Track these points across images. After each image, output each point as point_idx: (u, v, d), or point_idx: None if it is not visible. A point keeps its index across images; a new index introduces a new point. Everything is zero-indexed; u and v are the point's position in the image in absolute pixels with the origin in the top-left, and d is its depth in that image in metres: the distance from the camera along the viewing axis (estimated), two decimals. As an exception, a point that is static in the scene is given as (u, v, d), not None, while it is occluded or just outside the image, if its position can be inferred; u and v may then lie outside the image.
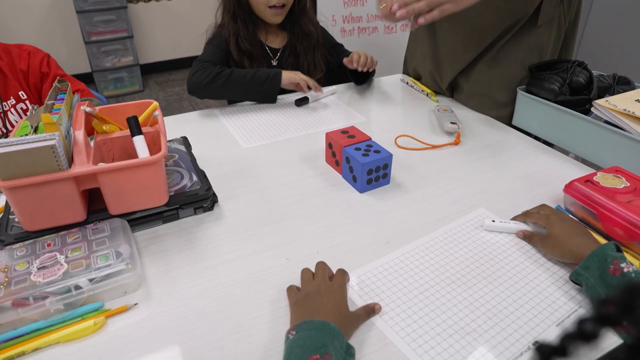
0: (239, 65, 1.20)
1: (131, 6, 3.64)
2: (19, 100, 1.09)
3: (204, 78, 1.11)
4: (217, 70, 1.11)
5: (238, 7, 1.17)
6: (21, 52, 1.08)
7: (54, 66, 1.12)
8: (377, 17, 2.22)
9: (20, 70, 1.08)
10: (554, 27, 1.07)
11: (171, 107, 3.30)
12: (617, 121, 0.90)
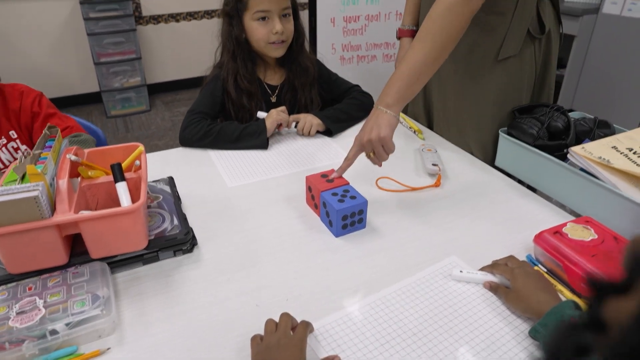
0: (237, 103, 1.24)
1: (140, 28, 3.74)
2: (9, 139, 1.12)
3: (195, 134, 1.16)
4: (207, 127, 1.16)
5: (237, 47, 1.22)
6: (14, 92, 1.13)
7: (45, 105, 1.15)
8: (375, 45, 2.27)
9: (12, 110, 1.12)
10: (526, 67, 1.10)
11: (176, 127, 3.36)
12: (592, 170, 0.91)
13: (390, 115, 0.88)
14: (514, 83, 1.11)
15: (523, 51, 1.07)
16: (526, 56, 1.09)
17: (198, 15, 3.94)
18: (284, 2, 1.19)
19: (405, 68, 0.88)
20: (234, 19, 1.20)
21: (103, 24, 3.34)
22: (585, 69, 3.35)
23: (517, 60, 1.08)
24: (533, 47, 1.08)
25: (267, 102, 1.28)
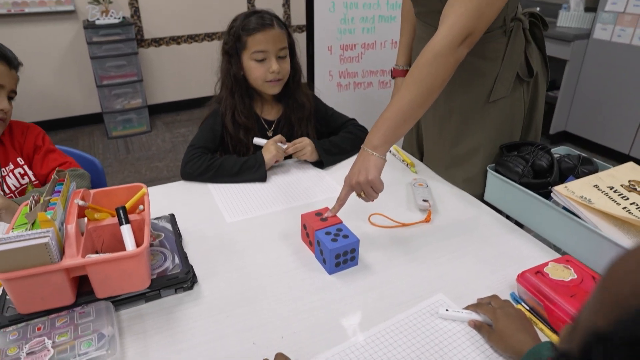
0: (235, 138, 1.30)
1: (142, 50, 3.82)
2: (17, 165, 1.20)
3: (196, 169, 1.20)
4: (208, 162, 1.21)
5: (236, 84, 1.27)
6: (21, 126, 1.23)
7: (47, 142, 1.26)
8: (371, 72, 2.33)
9: (18, 140, 1.21)
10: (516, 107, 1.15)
11: (176, 149, 3.42)
12: (574, 209, 0.96)
13: (376, 158, 0.93)
14: (504, 122, 1.16)
15: (513, 93, 1.13)
16: (516, 97, 1.14)
17: (199, 37, 4.03)
18: (280, 43, 1.25)
19: (392, 111, 0.93)
20: (233, 58, 1.26)
21: (106, 48, 3.41)
22: (577, 91, 3.42)
23: (508, 101, 1.13)
24: (522, 89, 1.14)
25: (264, 137, 1.33)
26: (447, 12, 0.91)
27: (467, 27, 0.88)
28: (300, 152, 1.28)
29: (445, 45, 0.89)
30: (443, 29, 0.90)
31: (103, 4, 3.44)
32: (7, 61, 1.12)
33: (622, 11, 3.02)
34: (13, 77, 1.14)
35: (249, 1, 4.07)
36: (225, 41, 1.28)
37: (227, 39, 1.27)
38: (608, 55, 3.16)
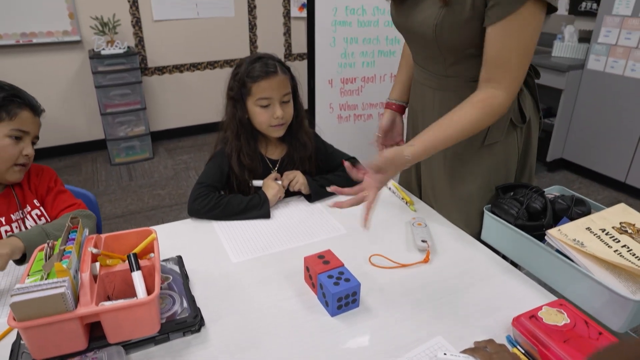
0: (240, 178, 1.34)
1: (145, 78, 3.90)
2: (33, 207, 1.24)
3: (204, 206, 1.24)
4: (215, 200, 1.25)
5: (241, 127, 1.32)
6: (36, 169, 1.28)
7: (59, 183, 1.30)
8: (371, 105, 2.39)
9: (34, 184, 1.26)
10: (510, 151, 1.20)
11: (178, 176, 3.47)
12: (567, 252, 1.00)
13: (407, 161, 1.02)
14: (498, 165, 1.21)
15: (507, 138, 1.18)
16: (510, 142, 1.19)
17: (201, 66, 4.11)
18: (284, 88, 1.30)
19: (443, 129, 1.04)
20: (238, 103, 1.31)
21: (111, 77, 3.49)
22: (573, 119, 3.49)
23: (502, 145, 1.18)
24: (515, 133, 1.19)
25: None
26: (498, 75, 1.02)
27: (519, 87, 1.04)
28: (292, 184, 1.33)
29: (505, 105, 1.04)
30: (502, 94, 1.02)
31: (109, 35, 3.53)
32: (33, 109, 1.17)
33: (614, 43, 3.11)
34: (37, 124, 1.19)
35: (251, 30, 4.17)
36: (230, 87, 1.33)
37: (233, 84, 1.32)
38: (602, 85, 3.24)
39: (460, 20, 1.03)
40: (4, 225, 1.19)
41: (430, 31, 1.08)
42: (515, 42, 0.99)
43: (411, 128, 1.38)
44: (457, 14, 1.03)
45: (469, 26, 1.03)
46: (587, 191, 3.34)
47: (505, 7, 0.96)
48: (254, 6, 4.11)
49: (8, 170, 1.16)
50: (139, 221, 2.85)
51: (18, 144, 1.15)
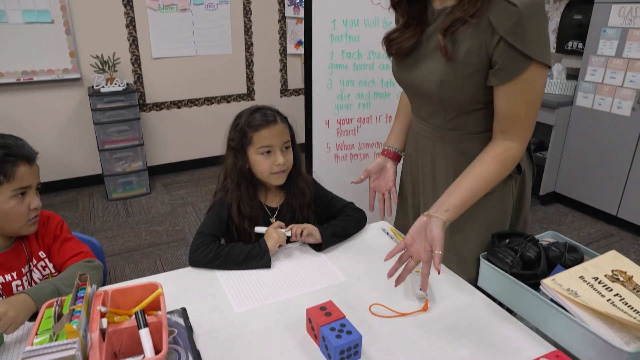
0: (239, 226, 1.37)
1: (143, 114, 3.95)
2: (39, 259, 1.25)
3: (204, 257, 1.27)
4: (215, 251, 1.27)
5: (242, 177, 1.36)
6: (42, 218, 1.27)
7: (65, 230, 1.30)
8: (367, 145, 2.45)
9: (40, 233, 1.26)
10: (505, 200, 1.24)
11: (175, 212, 3.48)
12: (561, 302, 1.03)
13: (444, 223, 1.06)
14: (494, 214, 1.24)
15: (503, 188, 1.22)
16: (505, 192, 1.23)
17: (198, 101, 4.18)
18: (284, 136, 1.35)
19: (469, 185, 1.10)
20: (240, 153, 1.35)
21: (109, 114, 3.54)
22: (564, 154, 3.56)
23: (498, 195, 1.22)
24: (511, 184, 1.23)
25: (267, 224, 1.40)
26: (511, 128, 1.09)
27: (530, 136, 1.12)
28: (303, 233, 1.35)
29: (520, 155, 1.12)
30: (516, 146, 1.10)
31: (108, 72, 3.60)
32: (27, 160, 1.16)
33: (601, 82, 3.21)
34: (36, 173, 1.19)
35: (248, 67, 4.26)
36: (231, 137, 1.37)
37: (233, 135, 1.36)
38: (590, 121, 3.33)
39: (464, 77, 1.08)
40: (15, 280, 1.19)
41: (433, 87, 1.12)
42: (522, 99, 1.05)
43: (409, 178, 1.42)
44: (461, 70, 1.08)
45: (472, 83, 1.09)
46: (580, 225, 3.39)
47: (509, 71, 1.02)
48: (251, 43, 4.21)
49: (22, 227, 1.17)
50: (136, 259, 2.85)
51: (23, 200, 1.15)
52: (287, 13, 4.27)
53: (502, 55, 1.01)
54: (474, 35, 1.04)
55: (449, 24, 1.06)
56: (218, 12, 4.00)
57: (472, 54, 1.05)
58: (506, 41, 0.99)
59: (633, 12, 2.96)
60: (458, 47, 1.07)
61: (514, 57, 1.00)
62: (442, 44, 1.06)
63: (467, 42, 1.05)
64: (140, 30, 3.78)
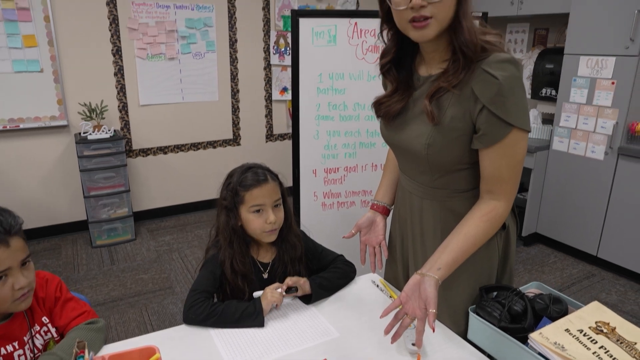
0: (233, 283, 1.38)
1: (129, 160, 3.96)
2: (42, 325, 1.22)
3: (199, 315, 1.28)
4: (209, 309, 1.28)
5: (234, 235, 1.39)
6: (40, 280, 1.24)
7: (64, 291, 1.28)
8: (354, 193, 2.50)
9: (41, 297, 1.23)
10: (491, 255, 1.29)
11: (161, 259, 3.45)
12: (549, 356, 1.06)
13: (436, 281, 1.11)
14: (482, 268, 1.29)
15: (488, 243, 1.26)
16: (491, 247, 1.28)
17: (185, 147, 4.22)
18: (275, 195, 1.39)
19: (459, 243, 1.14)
20: (232, 212, 1.38)
21: (96, 161, 3.55)
22: (544, 196, 3.66)
23: (484, 250, 1.27)
24: (496, 239, 1.28)
25: (260, 279, 1.42)
26: (497, 189, 1.15)
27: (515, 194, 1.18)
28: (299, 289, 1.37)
29: (506, 214, 1.18)
30: (502, 205, 1.16)
31: (96, 120, 3.63)
32: (6, 242, 1.06)
33: (574, 127, 3.36)
34: (17, 249, 1.09)
35: (234, 113, 4.34)
36: (223, 197, 1.40)
37: (226, 194, 1.40)
38: (567, 165, 3.45)
39: (450, 140, 1.15)
40: (17, 349, 1.15)
41: (421, 149, 1.18)
42: (506, 161, 1.12)
43: (398, 232, 1.46)
44: (447, 134, 1.14)
45: (458, 146, 1.15)
46: (562, 265, 3.46)
47: (492, 137, 1.10)
48: (237, 90, 4.31)
49: (9, 307, 1.10)
50: (121, 309, 2.80)
51: (5, 282, 1.07)
52: (273, 61, 4.40)
53: (485, 122, 1.09)
54: (458, 102, 1.12)
55: (434, 91, 1.14)
56: (205, 61, 4.10)
57: (457, 119, 1.12)
58: (488, 109, 1.07)
59: (599, 63, 3.14)
60: (444, 112, 1.14)
61: (496, 124, 1.08)
62: (429, 110, 1.13)
63: (452, 108, 1.13)
64: (129, 78, 3.85)
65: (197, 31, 4.01)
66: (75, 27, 3.58)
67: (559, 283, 3.20)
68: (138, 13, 3.77)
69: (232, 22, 4.15)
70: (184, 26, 3.95)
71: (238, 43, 4.21)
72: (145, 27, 3.81)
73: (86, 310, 1.26)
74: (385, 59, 1.26)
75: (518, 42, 4.15)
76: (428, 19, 1.08)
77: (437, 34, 1.11)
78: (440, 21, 1.09)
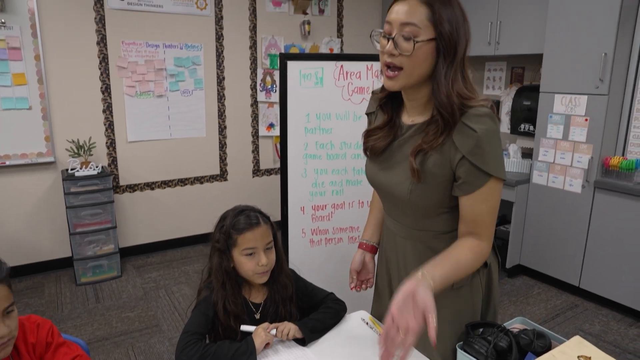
0: (225, 324, 1.40)
1: (116, 196, 3.96)
2: None
3: (191, 356, 1.29)
4: (202, 350, 1.30)
5: (227, 276, 1.42)
6: (31, 325, 1.23)
7: (56, 335, 1.27)
8: (341, 229, 2.54)
9: (31, 342, 1.22)
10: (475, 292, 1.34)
11: (147, 296, 3.42)
12: (534, 392, 1.10)
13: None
14: (466, 305, 1.33)
15: (472, 281, 1.32)
16: (474, 284, 1.33)
17: (172, 183, 4.24)
18: (267, 237, 1.43)
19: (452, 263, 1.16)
20: (225, 254, 1.42)
21: (83, 197, 3.54)
22: (526, 228, 3.75)
23: (468, 288, 1.32)
24: (479, 277, 1.33)
25: (252, 320, 1.44)
26: (478, 230, 1.20)
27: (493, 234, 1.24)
28: (284, 332, 1.39)
29: (488, 252, 1.23)
30: (485, 244, 1.21)
31: (83, 156, 3.64)
32: None
33: (552, 162, 3.49)
34: (1, 296, 1.07)
35: (221, 149, 4.40)
36: (216, 239, 1.44)
37: (219, 237, 1.43)
38: (546, 197, 3.56)
39: (432, 186, 1.21)
40: None
41: (404, 193, 1.25)
42: (485, 206, 1.19)
43: (385, 270, 1.50)
44: (429, 181, 1.21)
45: (439, 192, 1.22)
46: (546, 296, 3.52)
47: (472, 185, 1.17)
48: (225, 127, 4.38)
49: None
50: (107, 349, 2.76)
51: None
52: (259, 98, 4.50)
53: (465, 171, 1.16)
54: (440, 152, 1.19)
55: (418, 149, 1.20)
56: (193, 98, 4.18)
57: (439, 167, 1.19)
58: (468, 160, 1.14)
59: (573, 101, 3.30)
60: (426, 160, 1.21)
61: (476, 173, 1.15)
62: (415, 168, 1.19)
63: (434, 156, 1.20)
64: (117, 115, 3.89)
65: (185, 69, 4.10)
66: (65, 65, 3.64)
67: (543, 314, 3.25)
68: (128, 52, 3.85)
69: (220, 61, 4.26)
70: (173, 64, 4.04)
71: (226, 80, 4.31)
72: (134, 65, 3.88)
73: (78, 354, 1.26)
74: (384, 92, 1.34)
75: (496, 79, 4.33)
76: (398, 69, 1.15)
77: (403, 87, 1.19)
78: (408, 75, 1.16)
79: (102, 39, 3.74)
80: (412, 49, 1.11)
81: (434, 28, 1.11)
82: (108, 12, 3.73)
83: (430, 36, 1.11)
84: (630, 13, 3.09)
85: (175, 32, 4.01)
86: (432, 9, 1.10)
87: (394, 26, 1.13)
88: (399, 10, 1.13)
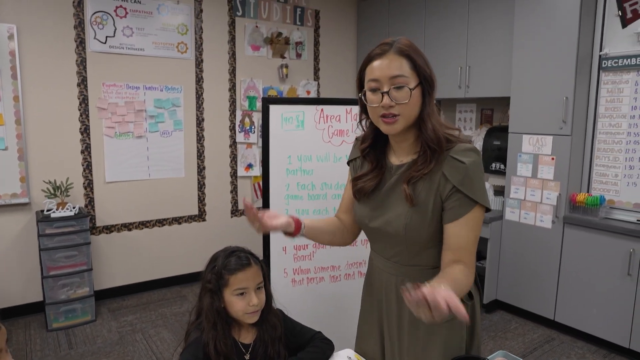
0: None
1: (93, 237, 3.90)
2: None
3: None
4: None
5: (218, 317, 1.43)
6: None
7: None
8: (322, 268, 2.57)
9: None
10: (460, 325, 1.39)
11: (124, 340, 3.33)
12: None
13: None
14: (452, 339, 1.38)
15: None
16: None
17: (150, 223, 4.21)
18: (257, 278, 1.46)
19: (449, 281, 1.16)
20: (216, 294, 1.44)
21: (58, 239, 3.48)
22: (501, 264, 3.85)
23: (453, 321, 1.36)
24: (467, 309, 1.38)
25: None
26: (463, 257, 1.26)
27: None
28: None
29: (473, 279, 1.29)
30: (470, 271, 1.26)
31: (60, 197, 3.60)
32: None
33: (523, 199, 3.63)
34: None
35: (200, 189, 4.41)
36: (208, 280, 1.46)
37: (210, 277, 1.45)
38: (519, 233, 3.68)
39: (425, 219, 1.30)
40: None
41: (401, 230, 1.32)
42: (469, 232, 1.28)
43: (376, 307, 1.53)
44: (422, 212, 1.30)
45: (431, 223, 1.30)
46: (523, 330, 3.58)
47: (460, 211, 1.26)
48: (203, 167, 4.41)
49: None
50: (81, 398, 2.66)
51: None
52: (238, 139, 4.56)
53: (454, 200, 1.27)
54: (429, 182, 1.30)
55: (410, 178, 1.31)
56: (172, 139, 4.21)
57: (429, 197, 1.29)
58: (458, 189, 1.25)
59: (540, 141, 3.48)
60: (418, 192, 1.31)
61: (464, 201, 1.26)
62: (408, 193, 1.30)
63: (424, 190, 1.30)
64: (95, 156, 3.88)
65: (165, 110, 4.15)
66: (44, 106, 3.64)
67: (522, 349, 3.30)
68: (108, 93, 3.89)
69: (200, 102, 4.33)
70: (153, 106, 4.08)
71: (205, 122, 4.37)
72: (114, 106, 3.92)
73: None
74: (365, 144, 1.45)
75: (467, 120, 4.52)
76: (396, 116, 1.26)
77: (403, 128, 1.31)
78: (406, 118, 1.29)
79: (83, 81, 3.77)
80: (408, 97, 1.25)
81: (417, 75, 1.26)
82: (90, 54, 3.78)
83: (416, 82, 1.26)
84: (586, 62, 3.33)
85: (156, 74, 4.08)
86: (411, 59, 1.26)
87: (383, 81, 1.26)
88: (383, 65, 1.26)
